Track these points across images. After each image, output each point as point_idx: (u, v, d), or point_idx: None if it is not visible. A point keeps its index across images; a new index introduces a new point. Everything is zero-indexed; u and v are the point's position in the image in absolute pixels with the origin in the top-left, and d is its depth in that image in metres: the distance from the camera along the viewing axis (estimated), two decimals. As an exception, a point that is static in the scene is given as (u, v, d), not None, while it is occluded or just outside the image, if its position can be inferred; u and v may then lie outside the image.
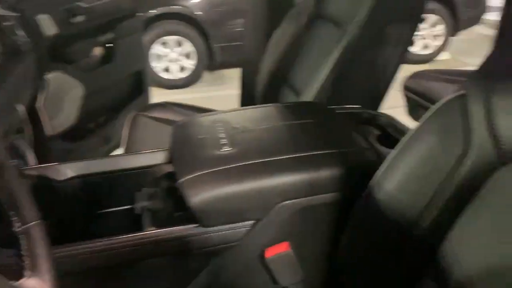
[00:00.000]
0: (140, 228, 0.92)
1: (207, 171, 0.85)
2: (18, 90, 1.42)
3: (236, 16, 4.13)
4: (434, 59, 4.65)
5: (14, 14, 1.46)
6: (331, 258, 0.89)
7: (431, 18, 4.54)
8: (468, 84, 0.71)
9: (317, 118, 1.06)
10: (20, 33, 1.51)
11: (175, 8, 4.10)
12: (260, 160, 0.87)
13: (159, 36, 4.13)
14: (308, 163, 0.87)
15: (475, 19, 4.80)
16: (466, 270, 0.62)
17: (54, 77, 1.82)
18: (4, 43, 1.37)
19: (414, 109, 1.63)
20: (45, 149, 1.63)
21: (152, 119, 1.50)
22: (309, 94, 1.29)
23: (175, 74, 4.29)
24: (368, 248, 0.80)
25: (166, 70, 4.28)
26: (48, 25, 1.71)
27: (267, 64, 1.68)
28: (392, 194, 0.74)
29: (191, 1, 4.12)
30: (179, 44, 4.21)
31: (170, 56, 4.24)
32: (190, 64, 4.27)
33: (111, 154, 2.13)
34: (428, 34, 4.59)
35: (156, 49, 4.16)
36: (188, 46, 4.22)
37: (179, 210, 0.91)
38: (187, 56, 4.24)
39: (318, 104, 1.23)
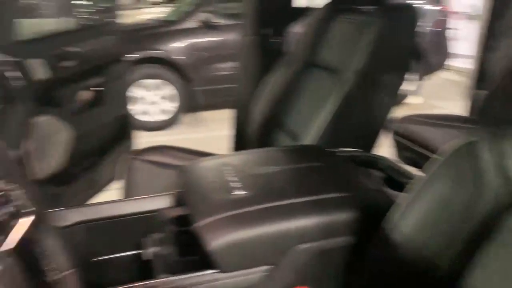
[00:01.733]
0: (149, 275, 0.90)
1: (224, 215, 0.85)
2: (11, 135, 1.40)
3: (219, 60, 4.23)
4: (406, 102, 4.85)
5: (11, 59, 1.46)
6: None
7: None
8: (476, 131, 0.75)
9: (322, 161, 1.08)
10: (14, 76, 1.50)
11: (156, 53, 4.17)
12: (275, 204, 0.88)
13: (138, 79, 4.16)
14: (321, 207, 0.89)
15: (440, 65, 5.11)
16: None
17: (41, 121, 1.81)
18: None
19: (402, 152, 1.69)
20: (35, 194, 1.58)
21: (148, 163, 1.49)
22: (307, 138, 1.33)
23: (154, 117, 4.30)
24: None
25: (144, 112, 4.28)
26: (39, 70, 1.71)
27: (260, 108, 1.72)
28: (409, 237, 0.76)
29: (172, 46, 4.20)
30: (158, 87, 4.25)
31: (150, 99, 4.26)
32: (170, 106, 4.30)
33: (101, 197, 2.08)
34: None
35: (134, 92, 4.17)
36: (168, 89, 4.26)
37: (192, 255, 0.90)
38: (168, 98, 4.28)
39: (318, 147, 1.26)
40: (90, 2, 2.88)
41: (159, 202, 1.08)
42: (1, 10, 1.58)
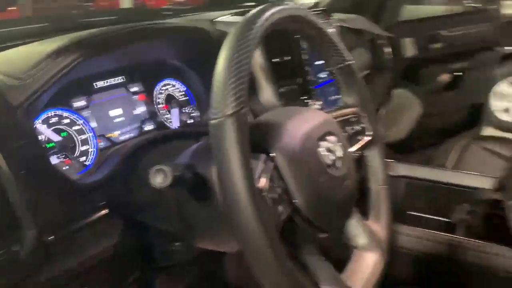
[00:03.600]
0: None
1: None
2: (375, 97, 1.69)
3: None
4: None
5: (388, 34, 1.73)
6: None
7: None
8: None
9: None
10: (388, 51, 1.77)
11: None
12: None
13: (510, 74, 3.86)
14: None
15: None
16: None
17: (399, 93, 2.04)
18: (374, 57, 1.65)
19: None
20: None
21: (484, 150, 1.49)
22: None
23: (515, 118, 3.92)
24: None
25: (506, 110, 3.96)
26: (410, 48, 1.93)
27: None
28: None
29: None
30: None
31: (515, 98, 3.90)
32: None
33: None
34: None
35: (502, 87, 3.90)
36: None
37: (498, 229, 0.93)
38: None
39: None
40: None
41: (481, 182, 1.11)
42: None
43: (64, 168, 0.73)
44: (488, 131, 3.07)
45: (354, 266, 0.67)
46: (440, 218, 1.12)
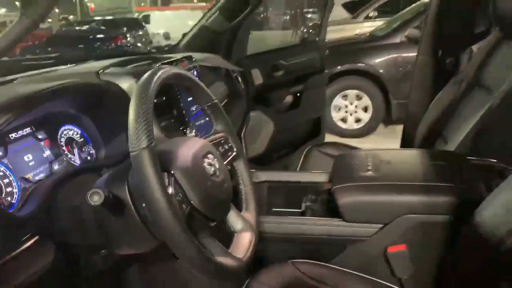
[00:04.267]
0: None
1: (354, 184, 1.23)
2: (235, 121, 2.03)
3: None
4: None
5: (239, 68, 2.09)
6: (438, 265, 1.15)
7: None
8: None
9: (449, 163, 1.33)
10: (240, 82, 2.14)
11: (358, 66, 4.57)
12: (393, 183, 1.21)
13: (341, 89, 4.64)
14: (427, 190, 1.17)
15: None
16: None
17: (254, 115, 2.42)
18: (231, 89, 1.99)
19: None
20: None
21: (322, 153, 1.93)
22: (453, 144, 1.55)
23: (351, 125, 4.71)
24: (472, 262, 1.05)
25: (343, 120, 4.73)
26: (257, 77, 2.33)
27: (427, 120, 1.96)
28: (495, 222, 0.98)
29: (375, 61, 4.53)
30: (357, 98, 4.63)
31: (349, 108, 4.69)
32: (367, 117, 4.64)
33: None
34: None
35: (337, 101, 4.66)
36: (366, 100, 4.61)
37: (329, 210, 1.30)
38: (366, 109, 4.63)
39: (456, 154, 1.48)
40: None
41: (319, 177, 1.50)
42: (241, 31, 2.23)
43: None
44: (329, 138, 3.71)
45: (236, 243, 0.96)
46: (295, 210, 1.47)
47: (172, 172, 0.83)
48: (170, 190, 0.79)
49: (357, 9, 8.01)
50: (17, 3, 1.01)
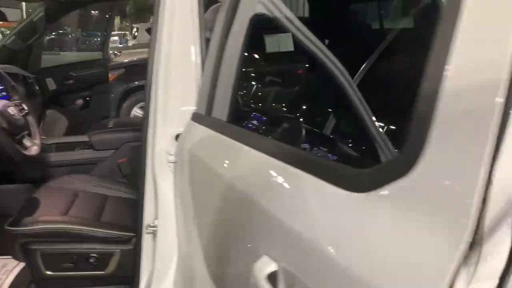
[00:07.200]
0: None
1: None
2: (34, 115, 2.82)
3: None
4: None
5: (32, 76, 2.91)
6: None
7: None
8: None
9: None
10: (36, 86, 2.95)
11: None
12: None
13: (138, 102, 5.59)
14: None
15: None
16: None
17: (50, 113, 3.23)
18: (28, 90, 2.79)
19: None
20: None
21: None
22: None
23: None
24: None
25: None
26: (51, 84, 3.17)
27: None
28: None
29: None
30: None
31: (144, 116, 5.64)
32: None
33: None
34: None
35: (135, 111, 5.61)
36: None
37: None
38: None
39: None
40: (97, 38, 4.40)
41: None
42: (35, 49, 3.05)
43: None
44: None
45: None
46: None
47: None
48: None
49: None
50: None
